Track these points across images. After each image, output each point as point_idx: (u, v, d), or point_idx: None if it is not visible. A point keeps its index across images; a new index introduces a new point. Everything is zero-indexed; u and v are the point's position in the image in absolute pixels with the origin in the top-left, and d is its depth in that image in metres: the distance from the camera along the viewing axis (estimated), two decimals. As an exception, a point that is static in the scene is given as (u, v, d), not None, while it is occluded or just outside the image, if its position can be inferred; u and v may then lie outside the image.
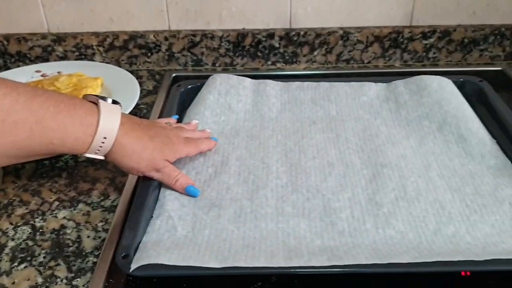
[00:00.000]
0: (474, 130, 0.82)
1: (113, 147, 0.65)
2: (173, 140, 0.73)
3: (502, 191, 0.71)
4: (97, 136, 0.63)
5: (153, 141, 0.70)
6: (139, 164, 0.69)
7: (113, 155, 0.67)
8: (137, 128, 0.69)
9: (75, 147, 0.63)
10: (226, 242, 0.64)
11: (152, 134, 0.70)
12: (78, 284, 0.62)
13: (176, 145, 0.73)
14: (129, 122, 0.68)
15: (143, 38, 1.11)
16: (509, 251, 0.61)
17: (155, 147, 0.70)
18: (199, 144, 0.78)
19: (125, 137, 0.66)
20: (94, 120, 0.63)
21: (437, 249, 0.62)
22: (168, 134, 0.74)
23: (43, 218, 0.73)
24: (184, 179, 0.72)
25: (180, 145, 0.74)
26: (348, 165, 0.77)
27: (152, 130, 0.71)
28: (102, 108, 0.64)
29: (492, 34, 1.10)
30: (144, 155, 0.69)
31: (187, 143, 0.75)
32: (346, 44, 1.11)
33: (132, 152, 0.67)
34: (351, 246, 0.63)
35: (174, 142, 0.73)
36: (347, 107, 0.91)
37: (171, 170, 0.72)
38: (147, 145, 0.69)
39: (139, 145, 0.68)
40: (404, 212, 0.68)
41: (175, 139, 0.74)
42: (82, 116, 0.62)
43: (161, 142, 0.71)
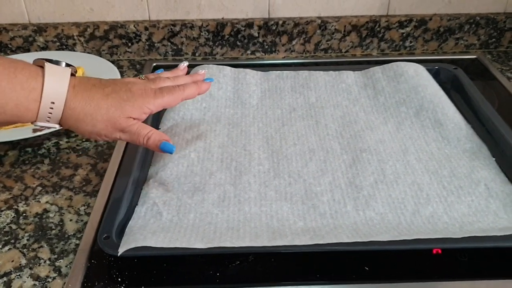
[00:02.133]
0: (450, 115, 0.84)
1: (64, 112, 0.61)
2: (137, 93, 0.65)
3: (477, 173, 0.73)
4: (43, 101, 0.58)
5: (108, 99, 0.63)
6: (95, 127, 0.62)
7: (67, 121, 0.62)
8: (91, 88, 0.63)
9: (19, 114, 0.59)
10: (211, 225, 0.65)
11: (108, 92, 0.64)
12: (61, 265, 0.64)
13: (142, 98, 0.65)
14: (82, 84, 0.63)
15: (123, 28, 1.11)
16: (485, 229, 0.63)
17: (111, 105, 0.63)
18: (179, 91, 0.69)
19: (75, 100, 0.61)
20: (37, 84, 0.58)
21: (415, 229, 0.64)
22: (130, 88, 0.66)
23: (26, 203, 0.73)
24: (157, 135, 0.66)
25: (147, 98, 0.65)
26: (328, 151, 0.79)
27: (108, 87, 0.64)
28: (48, 71, 0.59)
29: (467, 23, 1.13)
30: (98, 115, 0.62)
31: (159, 93, 0.67)
32: (324, 33, 1.12)
33: (84, 115, 0.62)
34: (332, 227, 0.65)
35: (138, 95, 0.65)
36: (326, 94, 0.92)
37: (140, 128, 0.65)
38: (100, 104, 0.62)
39: (91, 105, 0.62)
40: (383, 194, 0.70)
41: (140, 92, 0.66)
42: (23, 80, 0.57)
43: (119, 98, 0.64)
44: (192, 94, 0.71)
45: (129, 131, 0.64)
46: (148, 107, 0.65)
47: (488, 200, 0.68)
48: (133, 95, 0.65)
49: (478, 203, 0.68)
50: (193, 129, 0.83)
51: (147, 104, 0.65)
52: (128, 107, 0.64)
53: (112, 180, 0.75)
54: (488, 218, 0.66)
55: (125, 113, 0.64)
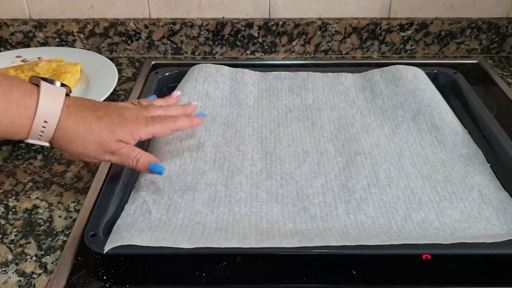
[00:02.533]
0: (447, 120, 0.83)
1: (56, 132, 0.61)
2: (129, 119, 0.66)
3: (471, 178, 0.72)
4: (36, 120, 0.59)
5: (101, 122, 0.64)
6: (86, 149, 0.63)
7: (58, 140, 0.63)
8: (84, 110, 0.64)
9: (12, 131, 0.60)
10: (199, 225, 0.65)
11: (101, 115, 0.65)
12: (47, 261, 0.63)
13: (133, 124, 0.66)
14: (76, 105, 0.64)
15: (123, 26, 1.11)
16: (476, 236, 0.63)
17: (103, 128, 0.64)
18: (171, 122, 0.70)
19: (68, 121, 0.62)
20: (32, 103, 0.59)
21: (406, 234, 0.63)
22: (123, 113, 0.67)
23: (16, 198, 0.73)
24: (146, 157, 0.67)
25: (138, 125, 0.66)
26: (322, 153, 0.78)
27: (101, 111, 0.66)
28: (43, 90, 0.60)
29: (469, 27, 1.12)
30: (90, 138, 0.63)
31: (150, 122, 0.68)
32: (324, 35, 1.12)
33: (76, 136, 0.62)
34: (322, 229, 0.64)
35: (129, 121, 0.66)
36: (323, 96, 0.92)
37: (129, 150, 0.66)
38: (93, 127, 0.63)
39: (83, 127, 0.63)
40: (375, 198, 0.69)
41: (132, 118, 0.67)
42: (19, 98, 0.58)
43: (111, 122, 0.65)
44: (184, 126, 0.71)
45: (118, 154, 0.65)
46: (139, 134, 0.66)
47: (481, 207, 0.68)
48: (125, 120, 0.66)
49: (470, 209, 0.67)
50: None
51: (137, 131, 0.66)
52: (119, 132, 0.65)
53: (103, 178, 0.74)
54: (480, 224, 0.65)
55: (116, 137, 0.65)
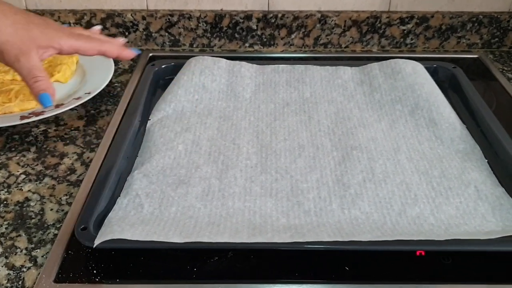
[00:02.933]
0: (445, 115, 0.82)
1: None
2: (51, 25, 0.61)
3: (468, 174, 0.71)
4: None
5: (17, 14, 0.59)
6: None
7: None
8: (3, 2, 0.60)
9: None
10: (192, 219, 0.64)
11: (19, 11, 0.60)
12: (37, 254, 0.63)
13: (55, 31, 0.61)
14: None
15: (120, 17, 1.10)
16: (471, 232, 0.62)
17: (19, 22, 0.59)
18: (97, 42, 0.66)
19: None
20: None
21: (400, 230, 0.62)
22: (46, 19, 0.62)
23: (8, 191, 0.72)
24: (46, 83, 0.61)
25: (60, 33, 0.61)
26: (318, 147, 0.77)
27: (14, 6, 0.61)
28: None
29: (470, 21, 1.11)
30: (2, 25, 0.57)
31: (75, 35, 0.63)
32: (323, 28, 1.11)
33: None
34: (315, 225, 0.63)
35: (51, 26, 0.61)
36: (321, 90, 0.91)
37: (36, 65, 0.60)
38: (7, 14, 0.58)
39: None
40: (370, 193, 0.68)
41: (56, 26, 0.61)
42: None
43: (30, 20, 0.60)
44: (112, 51, 0.67)
45: (26, 61, 0.59)
46: (59, 42, 0.61)
47: (477, 203, 0.67)
48: (47, 24, 0.61)
49: (466, 205, 0.67)
50: (183, 121, 0.82)
51: (58, 39, 0.61)
52: (36, 31, 0.60)
53: (97, 171, 0.73)
54: (476, 221, 0.64)
55: (31, 36, 0.59)
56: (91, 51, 0.65)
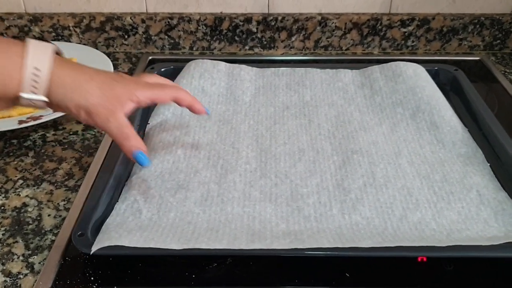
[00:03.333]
0: (447, 118, 0.81)
1: (52, 80, 0.56)
2: (127, 78, 0.62)
3: (470, 178, 0.70)
4: (26, 67, 0.54)
5: (100, 75, 0.60)
6: (87, 100, 0.58)
7: (56, 91, 0.56)
8: (76, 63, 0.60)
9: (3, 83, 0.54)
10: (190, 225, 0.63)
11: (98, 70, 0.61)
12: (34, 261, 0.62)
13: (133, 83, 0.62)
14: (65, 58, 0.59)
15: (120, 20, 1.09)
16: (473, 237, 0.61)
17: (103, 81, 0.59)
18: (172, 88, 0.67)
19: (62, 69, 0.57)
20: (19, 49, 0.54)
21: (401, 235, 0.62)
22: (121, 74, 0.64)
23: (5, 196, 0.72)
24: (137, 141, 0.62)
25: (137, 85, 0.63)
26: (318, 151, 0.77)
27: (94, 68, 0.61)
28: (30, 41, 0.56)
29: (471, 23, 1.10)
30: (90, 88, 0.58)
31: (149, 85, 0.64)
32: (324, 30, 1.10)
33: (75, 85, 0.57)
34: (315, 230, 0.63)
35: (128, 80, 0.62)
36: (321, 93, 0.90)
37: (123, 124, 0.60)
38: (93, 76, 0.59)
39: (83, 76, 0.58)
40: (371, 198, 0.68)
41: (131, 79, 0.63)
42: (4, 48, 0.54)
43: (110, 77, 0.60)
44: (186, 99, 0.67)
45: (114, 119, 0.60)
46: (137, 95, 0.62)
47: (479, 207, 0.66)
48: (123, 79, 0.62)
49: (468, 210, 0.66)
50: (182, 125, 0.81)
51: (136, 91, 0.62)
52: (118, 88, 0.60)
53: (95, 176, 0.73)
54: (478, 226, 0.63)
55: (116, 94, 0.60)
56: (166, 99, 0.66)
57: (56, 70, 0.56)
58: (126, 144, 0.61)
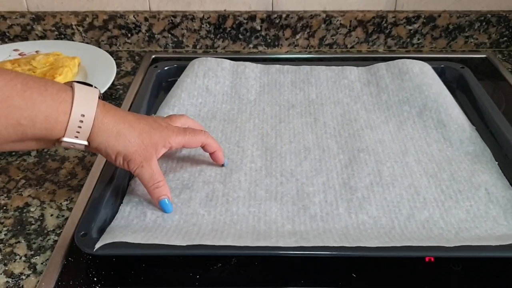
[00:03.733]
0: (454, 116, 0.80)
1: (94, 127, 0.58)
2: (162, 125, 0.65)
3: (478, 177, 0.69)
4: (73, 113, 0.56)
5: (140, 123, 0.62)
6: (126, 148, 0.60)
7: (97, 137, 0.59)
8: (120, 110, 0.62)
9: (48, 127, 0.55)
10: (195, 226, 0.62)
11: (138, 117, 0.63)
12: (36, 262, 0.61)
13: (167, 130, 0.64)
14: (111, 106, 0.61)
15: (123, 19, 1.09)
16: (482, 236, 0.60)
17: (143, 130, 0.62)
18: (202, 134, 0.68)
19: (107, 116, 0.59)
20: (68, 97, 0.56)
21: (408, 235, 0.61)
22: (156, 119, 0.66)
23: (8, 196, 0.71)
24: (166, 189, 0.64)
25: (170, 132, 0.65)
26: (324, 150, 0.76)
27: (136, 114, 0.64)
28: (77, 86, 0.57)
29: (477, 20, 1.09)
30: (131, 136, 0.60)
31: (181, 131, 0.66)
32: (329, 28, 1.09)
33: (117, 132, 0.59)
34: (321, 230, 0.62)
35: (163, 127, 0.64)
36: (327, 91, 0.89)
37: (156, 172, 0.63)
38: (134, 125, 0.61)
39: (124, 124, 0.60)
40: (378, 197, 0.67)
41: (165, 125, 0.65)
42: (54, 93, 0.55)
43: (149, 125, 0.63)
44: (213, 144, 0.70)
45: (148, 167, 0.62)
46: (170, 142, 0.65)
47: (488, 206, 0.65)
48: (160, 126, 0.64)
49: (477, 208, 0.65)
50: (186, 125, 0.80)
51: (169, 139, 0.64)
52: (156, 136, 0.63)
53: (98, 175, 0.72)
54: (487, 224, 0.62)
55: (153, 142, 0.63)
56: (195, 145, 0.68)
57: (99, 116, 0.58)
58: (155, 192, 0.64)
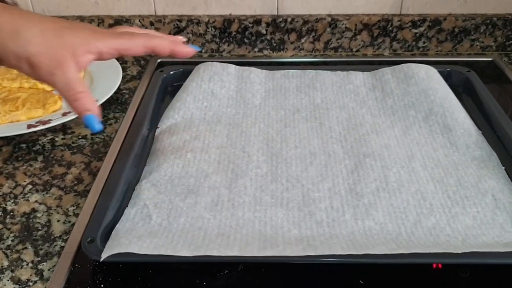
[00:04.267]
0: (460, 121, 0.80)
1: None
2: (88, 26, 0.54)
3: (485, 182, 0.69)
4: None
5: (48, 21, 0.52)
6: (25, 49, 0.50)
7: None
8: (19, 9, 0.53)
9: None
10: (201, 230, 0.62)
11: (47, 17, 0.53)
12: (43, 268, 0.61)
13: (91, 32, 0.53)
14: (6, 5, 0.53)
15: (128, 23, 1.09)
16: (489, 243, 0.60)
17: (48, 27, 0.51)
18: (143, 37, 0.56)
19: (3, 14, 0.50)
20: None
21: (415, 241, 0.60)
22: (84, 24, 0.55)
23: (14, 202, 0.71)
24: (89, 101, 0.53)
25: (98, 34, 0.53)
26: (330, 155, 0.76)
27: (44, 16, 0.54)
28: None
29: (483, 23, 1.08)
30: (29, 34, 0.50)
31: (116, 34, 0.55)
32: (334, 32, 1.09)
33: (13, 30, 0.50)
34: (328, 236, 0.62)
35: (88, 28, 0.54)
36: (332, 95, 0.89)
37: (76, 80, 0.52)
38: (34, 20, 0.51)
39: (21, 20, 0.50)
40: (384, 203, 0.66)
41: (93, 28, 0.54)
42: None
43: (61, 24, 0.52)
44: (163, 47, 0.58)
45: (61, 74, 0.51)
46: (97, 45, 0.53)
47: (495, 212, 0.65)
48: (82, 27, 0.54)
49: (484, 214, 0.65)
50: (192, 129, 0.80)
51: (95, 41, 0.53)
52: (71, 36, 0.52)
53: (104, 180, 0.72)
54: (494, 231, 0.62)
55: (65, 43, 0.51)
56: (136, 49, 0.56)
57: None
58: (75, 106, 0.54)
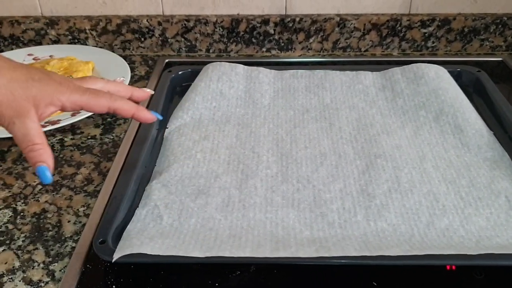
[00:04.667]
0: (471, 121, 0.79)
1: None
2: (54, 79, 0.55)
3: (498, 183, 0.69)
4: None
5: (16, 71, 0.53)
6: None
7: None
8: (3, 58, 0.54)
9: None
10: (212, 231, 0.62)
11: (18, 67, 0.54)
12: (55, 269, 0.61)
13: (57, 85, 0.54)
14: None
15: (136, 23, 1.08)
16: (503, 245, 0.59)
17: (16, 79, 0.52)
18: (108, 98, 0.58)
19: None
20: None
21: (429, 242, 0.60)
22: (49, 74, 0.56)
23: (25, 202, 0.71)
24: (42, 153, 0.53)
25: (63, 88, 0.55)
26: (340, 155, 0.75)
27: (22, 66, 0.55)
28: None
29: (493, 23, 1.08)
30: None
31: (80, 89, 0.56)
32: (342, 32, 1.08)
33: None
34: (340, 237, 0.61)
35: (53, 81, 0.54)
36: (342, 95, 0.88)
37: (31, 131, 0.52)
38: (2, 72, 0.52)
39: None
40: (397, 204, 0.66)
41: (59, 80, 0.55)
42: None
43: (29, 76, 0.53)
44: (125, 110, 0.60)
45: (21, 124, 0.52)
46: (60, 99, 0.55)
47: (509, 213, 0.64)
48: (49, 78, 0.55)
49: (497, 216, 0.64)
50: (201, 129, 0.80)
51: (59, 95, 0.54)
52: (35, 89, 0.53)
53: (114, 181, 0.72)
54: (508, 233, 0.62)
55: (29, 95, 0.52)
56: (99, 108, 0.58)
57: None
58: (30, 157, 0.53)
